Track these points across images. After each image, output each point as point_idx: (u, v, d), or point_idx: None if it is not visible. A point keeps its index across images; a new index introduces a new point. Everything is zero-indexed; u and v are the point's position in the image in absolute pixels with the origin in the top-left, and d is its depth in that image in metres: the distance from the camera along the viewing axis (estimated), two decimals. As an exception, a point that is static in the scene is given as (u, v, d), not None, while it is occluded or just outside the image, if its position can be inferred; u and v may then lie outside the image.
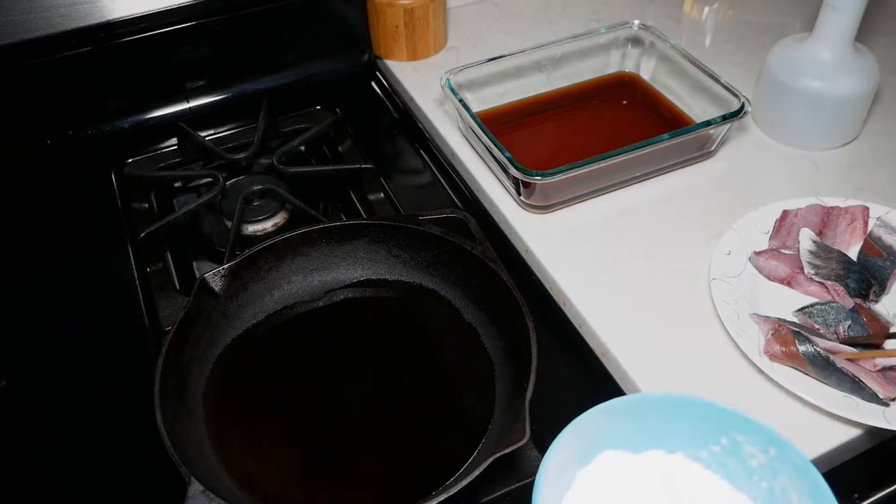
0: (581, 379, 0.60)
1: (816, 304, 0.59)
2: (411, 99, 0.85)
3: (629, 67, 0.84)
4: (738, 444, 0.42)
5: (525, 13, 0.96)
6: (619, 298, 0.62)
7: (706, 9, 0.97)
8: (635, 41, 0.83)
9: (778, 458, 0.40)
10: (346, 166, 0.79)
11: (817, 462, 0.52)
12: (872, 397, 0.52)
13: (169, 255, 0.70)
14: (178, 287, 0.67)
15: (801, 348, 0.54)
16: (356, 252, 0.64)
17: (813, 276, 0.60)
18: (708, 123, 0.70)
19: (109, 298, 0.67)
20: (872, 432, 0.52)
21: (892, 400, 0.52)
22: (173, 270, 0.69)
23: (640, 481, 0.42)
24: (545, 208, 0.69)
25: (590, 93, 0.83)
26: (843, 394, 0.52)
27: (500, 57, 0.78)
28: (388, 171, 0.78)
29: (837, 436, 0.52)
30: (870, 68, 0.72)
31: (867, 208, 0.65)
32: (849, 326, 0.57)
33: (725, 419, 0.42)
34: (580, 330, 0.61)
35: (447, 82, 0.74)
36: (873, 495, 0.57)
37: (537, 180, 0.64)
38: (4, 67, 0.75)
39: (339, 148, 0.82)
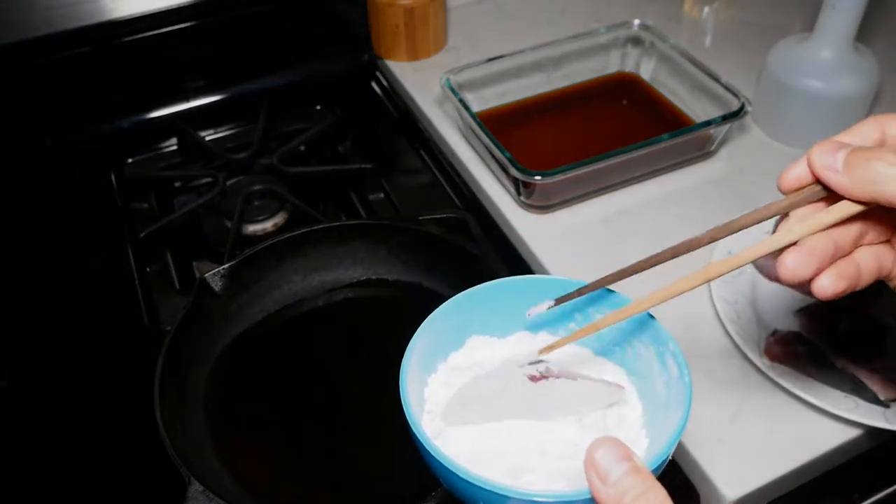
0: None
1: (817, 303, 0.59)
2: (411, 99, 0.85)
3: (629, 67, 0.84)
4: (589, 316, 0.43)
5: (525, 13, 0.96)
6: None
7: (706, 9, 0.97)
8: (635, 41, 0.83)
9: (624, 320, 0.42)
10: (346, 166, 0.79)
11: (817, 462, 0.52)
12: (872, 398, 0.52)
13: (169, 255, 0.70)
14: (178, 287, 0.67)
15: (801, 348, 0.54)
16: (356, 252, 0.64)
17: (813, 276, 0.60)
18: (708, 123, 0.70)
19: (109, 298, 0.67)
20: (872, 432, 0.52)
21: (892, 401, 0.52)
22: (173, 270, 0.69)
23: (513, 374, 0.43)
24: (545, 208, 0.69)
25: (590, 93, 0.83)
26: (843, 394, 0.52)
27: (500, 57, 0.78)
28: (388, 171, 0.78)
29: (837, 436, 0.52)
30: (870, 68, 0.72)
31: (867, 208, 0.65)
32: (849, 326, 0.57)
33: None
34: (580, 330, 0.61)
35: (447, 82, 0.74)
36: (873, 495, 0.58)
37: (537, 180, 0.64)
38: (4, 67, 0.75)
39: (339, 148, 0.82)
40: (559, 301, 0.41)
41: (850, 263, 0.35)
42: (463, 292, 0.43)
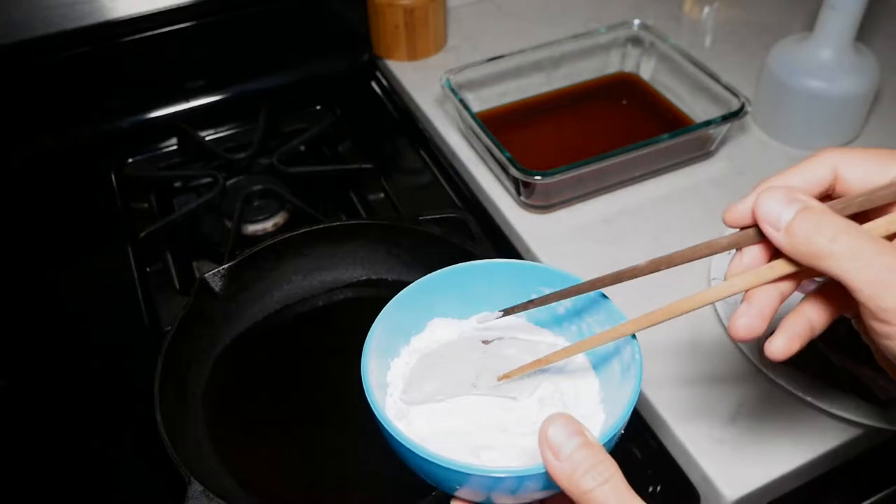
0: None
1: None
2: (411, 99, 0.85)
3: (629, 67, 0.84)
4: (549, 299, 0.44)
5: (525, 13, 0.96)
6: (618, 298, 0.61)
7: (706, 9, 0.97)
8: (635, 41, 0.83)
9: (579, 299, 0.43)
10: (346, 166, 0.79)
11: (817, 462, 0.52)
12: (872, 398, 0.52)
13: (169, 255, 0.70)
14: (178, 287, 0.67)
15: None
16: (356, 252, 0.64)
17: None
18: (708, 123, 0.70)
19: (109, 298, 0.67)
20: (872, 432, 0.52)
21: (892, 401, 0.52)
22: (173, 270, 0.69)
23: (468, 340, 0.44)
24: (545, 208, 0.69)
25: (590, 93, 0.83)
26: (843, 394, 0.52)
27: (500, 57, 0.78)
28: (388, 171, 0.78)
29: (837, 436, 0.52)
30: (870, 68, 0.72)
31: (867, 208, 0.65)
32: (849, 325, 0.57)
33: (532, 275, 0.44)
34: (580, 330, 0.61)
35: (447, 82, 0.74)
36: (873, 495, 0.58)
37: (537, 180, 0.64)
38: (3, 67, 0.75)
39: (339, 148, 0.82)
40: (507, 312, 0.42)
41: (800, 321, 0.35)
42: (423, 277, 0.43)
